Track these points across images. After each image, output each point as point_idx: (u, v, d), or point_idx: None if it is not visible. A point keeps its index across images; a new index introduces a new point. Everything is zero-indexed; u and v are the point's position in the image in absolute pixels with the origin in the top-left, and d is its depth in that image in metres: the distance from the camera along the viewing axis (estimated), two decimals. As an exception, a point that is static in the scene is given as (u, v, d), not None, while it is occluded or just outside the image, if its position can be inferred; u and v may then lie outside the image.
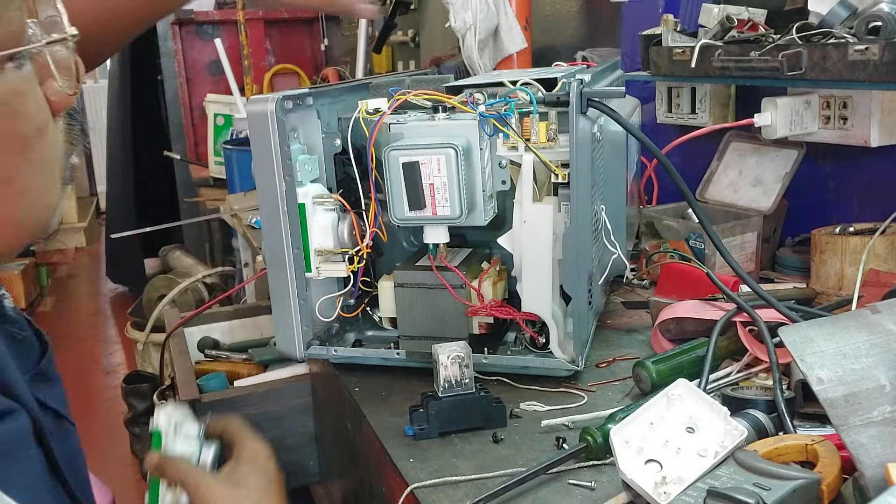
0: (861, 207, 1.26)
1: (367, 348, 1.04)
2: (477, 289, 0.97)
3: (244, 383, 1.38)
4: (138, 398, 2.47)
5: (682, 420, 0.67)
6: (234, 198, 2.53)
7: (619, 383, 0.94)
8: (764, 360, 0.87)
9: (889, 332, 0.67)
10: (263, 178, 0.95)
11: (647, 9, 1.55)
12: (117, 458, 2.60)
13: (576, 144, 0.86)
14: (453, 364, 0.86)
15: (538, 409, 0.88)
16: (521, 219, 0.91)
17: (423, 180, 0.91)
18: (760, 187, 1.32)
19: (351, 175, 1.01)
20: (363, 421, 0.92)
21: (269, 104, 0.92)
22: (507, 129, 0.92)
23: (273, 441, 1.28)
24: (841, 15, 1.08)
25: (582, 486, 0.74)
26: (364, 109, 0.96)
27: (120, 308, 4.26)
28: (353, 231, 0.99)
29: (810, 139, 1.25)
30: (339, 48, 3.74)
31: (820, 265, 1.15)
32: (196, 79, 3.67)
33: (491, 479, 0.76)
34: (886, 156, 1.20)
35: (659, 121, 1.51)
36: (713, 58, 1.22)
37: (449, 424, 0.85)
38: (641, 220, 1.34)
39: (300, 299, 0.99)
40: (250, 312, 1.70)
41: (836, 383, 0.64)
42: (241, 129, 2.99)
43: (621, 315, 1.16)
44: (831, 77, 1.07)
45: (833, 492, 0.62)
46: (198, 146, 3.65)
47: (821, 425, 0.76)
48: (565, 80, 0.93)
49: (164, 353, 1.51)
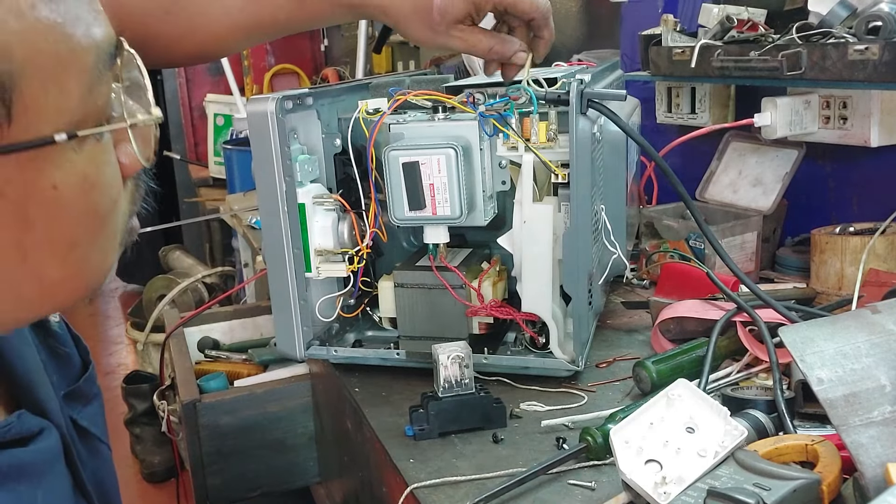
0: (861, 207, 1.26)
1: (366, 348, 1.04)
2: (477, 289, 0.97)
3: (244, 383, 1.38)
4: (138, 398, 2.47)
5: (682, 420, 0.67)
6: (234, 198, 2.53)
7: (619, 383, 0.94)
8: (764, 360, 0.87)
9: (889, 332, 0.67)
10: (263, 178, 0.95)
11: (647, 9, 1.55)
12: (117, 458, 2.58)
13: (576, 144, 0.86)
14: (453, 364, 0.86)
15: (538, 410, 0.88)
16: (521, 219, 0.91)
17: (423, 180, 0.91)
18: (760, 187, 1.32)
19: (351, 175, 1.01)
20: (363, 421, 0.92)
21: (269, 104, 0.92)
22: (507, 129, 0.92)
23: (273, 441, 1.29)
24: (841, 15, 1.08)
25: (582, 487, 0.74)
26: (364, 109, 0.96)
27: (120, 308, 4.26)
28: (353, 231, 0.99)
29: (810, 139, 1.24)
30: (339, 48, 3.74)
31: (820, 265, 1.15)
32: (196, 79, 3.67)
33: (491, 480, 0.76)
34: (886, 156, 1.20)
35: (659, 121, 1.51)
36: (713, 58, 1.22)
37: (449, 425, 0.85)
38: (641, 220, 1.34)
39: (300, 299, 0.99)
40: (250, 312, 1.70)
41: (836, 383, 0.64)
42: (241, 129, 2.99)
43: (621, 315, 1.16)
44: (831, 77, 1.07)
45: (833, 492, 0.62)
46: (198, 146, 3.66)
47: (821, 425, 0.76)
48: (565, 80, 0.93)
49: (164, 354, 1.51)
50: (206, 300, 2.70)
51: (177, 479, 1.70)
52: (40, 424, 0.55)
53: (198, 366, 1.52)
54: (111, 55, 0.47)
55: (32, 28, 0.41)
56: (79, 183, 0.45)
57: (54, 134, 0.43)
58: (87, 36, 0.44)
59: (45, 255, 0.46)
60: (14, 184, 0.42)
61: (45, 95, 0.42)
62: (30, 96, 0.41)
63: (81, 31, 0.44)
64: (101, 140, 0.46)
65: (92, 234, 0.48)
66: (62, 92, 0.43)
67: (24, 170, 0.42)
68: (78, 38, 0.44)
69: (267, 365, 1.52)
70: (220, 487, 1.27)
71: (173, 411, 1.43)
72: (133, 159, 0.49)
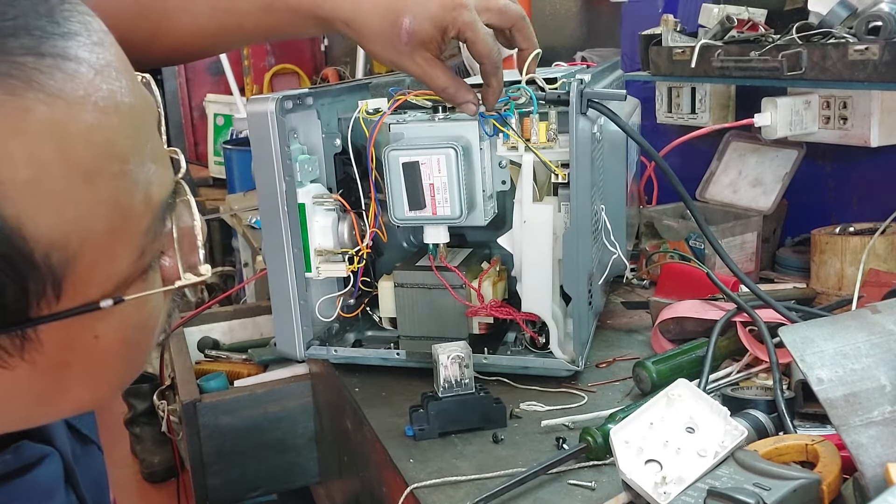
0: (861, 207, 1.26)
1: (366, 348, 1.04)
2: (477, 289, 0.97)
3: (244, 383, 1.38)
4: (138, 398, 2.47)
5: (682, 420, 0.67)
6: (234, 198, 2.54)
7: (619, 383, 0.94)
8: (764, 360, 0.87)
9: (889, 332, 0.67)
10: (263, 178, 0.95)
11: (647, 9, 1.55)
12: (117, 458, 2.60)
13: (576, 144, 0.86)
14: (453, 364, 0.86)
15: (538, 410, 0.88)
16: (521, 219, 0.91)
17: (423, 180, 0.91)
18: (760, 187, 1.32)
19: (351, 175, 1.01)
20: (363, 421, 0.92)
21: (269, 104, 0.92)
22: (507, 129, 0.92)
23: (273, 441, 1.28)
24: (841, 15, 1.08)
25: (582, 487, 0.74)
26: (364, 109, 0.96)
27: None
28: (353, 231, 0.99)
29: (810, 139, 1.24)
30: (339, 48, 3.73)
31: (820, 265, 1.15)
32: (196, 79, 3.67)
33: (491, 480, 0.76)
34: (886, 156, 1.20)
35: (659, 121, 1.51)
36: (713, 58, 1.22)
37: (449, 425, 0.85)
38: (641, 220, 1.34)
39: (300, 299, 0.98)
40: (250, 312, 1.70)
41: (836, 383, 0.64)
42: (241, 129, 2.99)
43: (621, 315, 1.16)
44: (831, 77, 1.07)
45: (833, 492, 0.62)
46: (198, 146, 3.65)
47: (821, 425, 0.76)
48: (565, 80, 0.93)
49: (164, 353, 1.50)
50: (206, 300, 2.70)
51: (177, 478, 1.70)
52: (42, 452, 0.55)
53: (198, 366, 1.52)
54: (168, 206, 0.45)
55: (90, 211, 0.39)
56: (121, 328, 0.44)
57: (101, 300, 0.41)
58: (144, 202, 0.42)
59: (84, 388, 0.45)
60: (56, 342, 0.41)
61: (95, 268, 0.40)
62: (80, 272, 0.40)
63: (140, 198, 0.42)
64: (146, 280, 0.44)
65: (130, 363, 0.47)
66: (112, 260, 0.41)
67: (67, 329, 0.41)
68: (135, 205, 0.41)
69: (267, 365, 1.52)
70: (219, 487, 1.27)
71: (173, 411, 1.43)
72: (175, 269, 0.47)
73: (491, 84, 0.88)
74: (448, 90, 0.87)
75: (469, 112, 0.90)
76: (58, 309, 0.40)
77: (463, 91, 0.88)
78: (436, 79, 0.86)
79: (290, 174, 0.95)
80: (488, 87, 0.89)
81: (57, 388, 0.44)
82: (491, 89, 0.89)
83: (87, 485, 0.60)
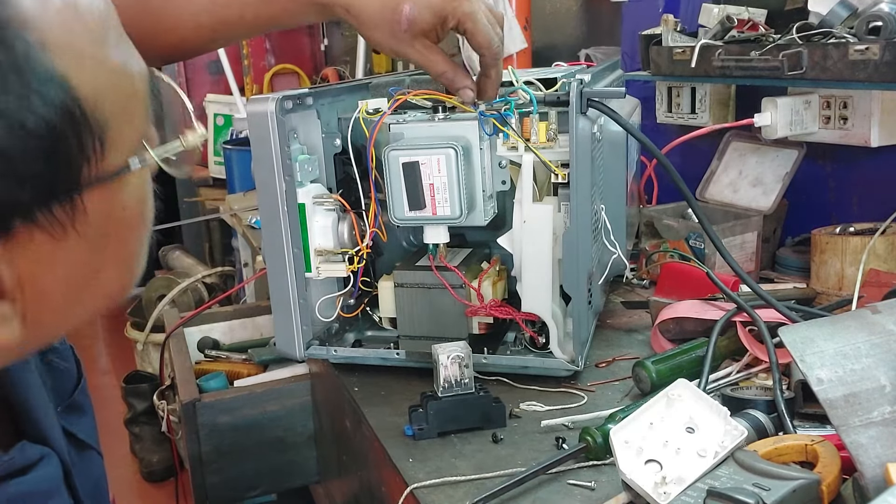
0: (861, 207, 1.26)
1: (366, 348, 1.04)
2: (477, 289, 0.97)
3: (244, 383, 1.38)
4: (138, 398, 2.47)
5: (682, 420, 0.67)
6: (234, 198, 2.54)
7: (618, 383, 0.94)
8: (764, 360, 0.87)
9: (889, 332, 0.67)
10: (263, 178, 0.95)
11: (647, 8, 1.55)
12: (117, 458, 2.60)
13: (576, 144, 0.86)
14: (453, 364, 0.86)
15: (538, 409, 0.88)
16: (521, 219, 0.91)
17: (423, 180, 0.91)
18: (760, 187, 1.32)
19: (351, 175, 1.01)
20: (363, 421, 0.92)
21: (269, 104, 0.92)
22: (507, 129, 0.92)
23: (272, 441, 1.28)
24: (841, 15, 1.08)
25: (582, 487, 0.74)
26: (364, 109, 0.96)
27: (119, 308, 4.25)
28: (353, 231, 0.99)
29: (810, 139, 1.24)
30: (339, 48, 3.74)
31: (820, 265, 1.15)
32: (196, 79, 3.67)
33: (490, 479, 0.76)
34: (886, 156, 1.20)
35: (659, 121, 1.51)
36: (713, 58, 1.22)
37: (448, 424, 0.85)
38: (641, 220, 1.34)
39: (300, 299, 0.98)
40: (250, 312, 1.70)
41: (836, 383, 0.64)
42: (240, 129, 2.99)
43: (621, 315, 1.16)
44: (831, 77, 1.06)
45: (833, 492, 0.62)
46: (198, 146, 3.65)
47: (821, 425, 0.76)
48: (565, 79, 0.93)
49: (163, 353, 1.51)
50: (205, 300, 2.70)
51: (176, 478, 1.70)
52: (41, 452, 0.55)
53: (197, 366, 1.52)
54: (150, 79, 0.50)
55: (113, 76, 0.45)
56: (138, 201, 0.49)
57: (129, 161, 0.47)
58: (140, 71, 0.48)
59: (112, 271, 0.49)
60: (99, 212, 0.45)
61: (122, 130, 0.46)
62: (113, 134, 0.45)
63: (136, 68, 0.48)
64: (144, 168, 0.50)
65: (144, 243, 0.52)
66: (132, 123, 0.47)
67: (104, 199, 0.45)
68: (136, 73, 0.48)
69: (267, 365, 1.52)
70: (219, 487, 1.27)
71: (173, 411, 1.43)
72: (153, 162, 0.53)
73: (490, 75, 0.89)
74: (447, 74, 0.88)
75: (466, 98, 0.90)
76: (101, 172, 0.44)
77: (461, 76, 0.89)
78: (435, 64, 0.87)
79: (290, 174, 0.95)
80: (487, 77, 0.89)
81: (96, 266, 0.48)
82: (490, 80, 0.89)
83: (86, 488, 0.61)
